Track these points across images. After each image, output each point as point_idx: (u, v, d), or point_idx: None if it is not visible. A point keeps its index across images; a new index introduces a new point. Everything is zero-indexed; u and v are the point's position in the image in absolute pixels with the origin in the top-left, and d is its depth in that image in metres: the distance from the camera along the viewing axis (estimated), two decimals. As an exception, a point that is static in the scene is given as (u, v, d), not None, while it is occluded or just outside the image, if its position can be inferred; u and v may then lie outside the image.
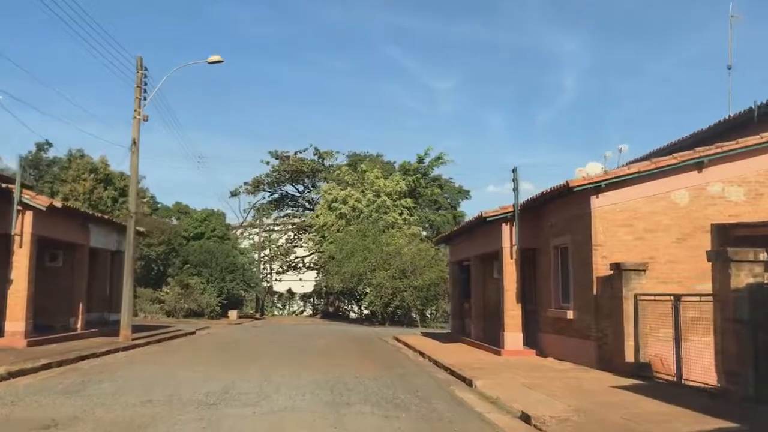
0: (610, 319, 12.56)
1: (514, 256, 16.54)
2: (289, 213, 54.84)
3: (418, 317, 36.81)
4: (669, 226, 13.17)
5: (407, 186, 44.20)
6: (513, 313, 16.47)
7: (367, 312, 41.69)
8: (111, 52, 36.16)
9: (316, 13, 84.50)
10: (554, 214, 15.57)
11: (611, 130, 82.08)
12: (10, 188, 15.74)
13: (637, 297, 11.88)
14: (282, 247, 52.45)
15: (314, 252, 48.01)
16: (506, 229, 16.66)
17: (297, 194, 53.84)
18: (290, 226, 53.67)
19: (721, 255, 9.22)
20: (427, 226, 46.89)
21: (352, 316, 46.39)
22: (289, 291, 53.03)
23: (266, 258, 52.45)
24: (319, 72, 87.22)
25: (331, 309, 48.61)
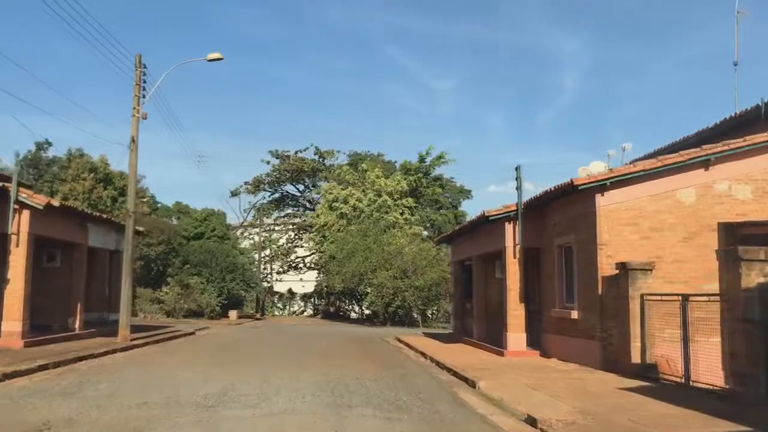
0: (616, 320, 12.36)
1: (517, 256, 16.36)
2: (289, 213, 54.76)
3: (419, 317, 36.65)
4: (675, 225, 12.97)
5: (408, 185, 43.97)
6: (516, 313, 16.30)
7: (368, 312, 41.50)
8: (112, 51, 35.94)
9: (317, 14, 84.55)
10: (558, 213, 15.37)
11: (612, 130, 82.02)
12: (7, 187, 15.53)
13: (643, 297, 11.69)
14: (282, 247, 52.33)
15: (315, 252, 47.84)
16: (509, 228, 16.48)
17: (297, 194, 53.74)
18: (291, 226, 53.56)
19: (731, 254, 9.04)
20: (428, 226, 46.68)
21: (353, 316, 46.21)
22: (290, 291, 52.89)
23: (267, 258, 52.33)
24: (319, 72, 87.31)
25: (331, 309, 48.44)
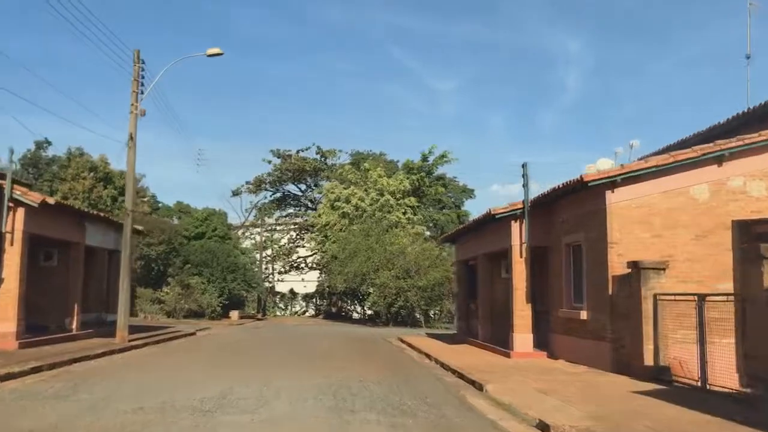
0: (628, 320, 11.97)
1: (523, 255, 15.98)
2: (291, 212, 54.42)
3: (422, 318, 36.29)
4: (687, 223, 12.58)
5: (411, 185, 43.56)
6: (523, 313, 15.92)
7: (370, 312, 41.14)
8: (113, 50, 35.46)
9: (317, 14, 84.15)
10: (566, 211, 14.99)
11: (613, 130, 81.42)
12: (1, 184, 15.18)
13: (656, 297, 11.30)
14: (284, 246, 52.01)
15: (317, 252, 47.47)
16: (515, 226, 16.10)
17: (299, 193, 53.38)
18: (292, 226, 53.23)
19: (751, 252, 8.66)
20: (431, 226, 46.26)
21: (355, 316, 45.85)
22: (292, 291, 52.57)
23: (268, 258, 52.02)
24: (320, 72, 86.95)
25: (333, 309, 48.08)
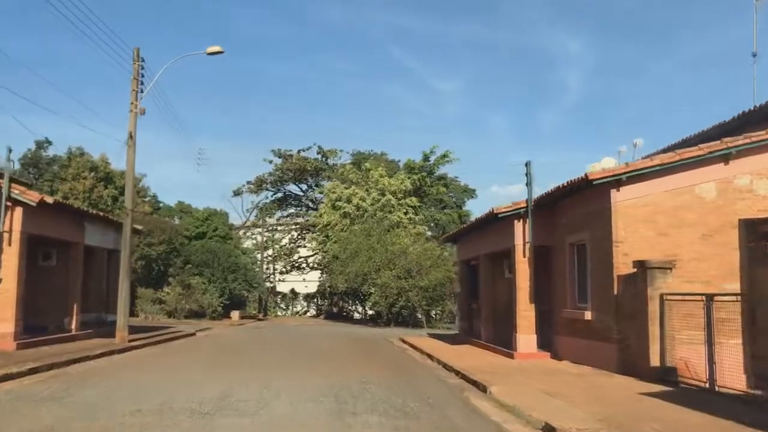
0: (633, 321, 11.79)
1: (527, 254, 15.82)
2: (292, 212, 54.31)
3: (423, 318, 36.14)
4: (694, 222, 12.41)
5: (412, 185, 43.40)
6: (526, 313, 15.75)
7: (371, 312, 40.97)
8: (113, 48, 35.44)
9: (317, 14, 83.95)
10: (571, 210, 14.82)
11: (614, 130, 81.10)
12: (-1, 183, 15.04)
13: (663, 297, 11.13)
14: (285, 247, 51.88)
15: (318, 252, 47.32)
16: (518, 225, 15.94)
17: (300, 193, 53.25)
18: (293, 226, 53.11)
19: (758, 251, 8.50)
20: (432, 226, 46.11)
21: (357, 316, 45.68)
22: (293, 291, 52.43)
23: (269, 258, 51.88)
24: (320, 72, 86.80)
25: (335, 309, 47.92)
